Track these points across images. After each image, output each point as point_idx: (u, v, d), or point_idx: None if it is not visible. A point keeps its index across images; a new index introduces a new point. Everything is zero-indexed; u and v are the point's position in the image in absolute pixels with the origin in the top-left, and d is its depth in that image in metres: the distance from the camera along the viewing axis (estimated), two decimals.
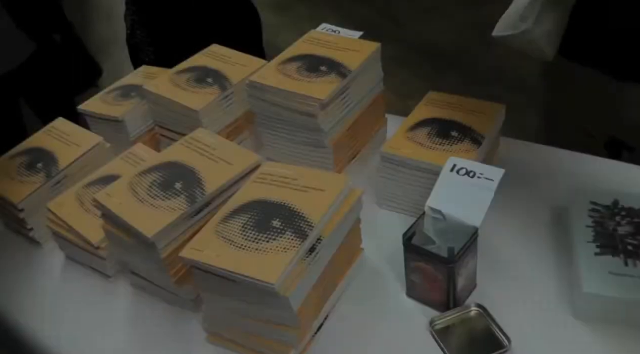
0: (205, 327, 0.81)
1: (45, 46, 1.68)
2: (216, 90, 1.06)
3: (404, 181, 0.94)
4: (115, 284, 0.95)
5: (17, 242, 1.10)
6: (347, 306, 0.83)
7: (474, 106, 1.02)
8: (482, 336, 0.76)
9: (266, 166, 0.85)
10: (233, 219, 0.76)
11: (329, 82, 0.93)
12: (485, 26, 1.21)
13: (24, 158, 1.12)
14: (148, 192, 0.82)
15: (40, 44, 1.67)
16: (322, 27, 1.12)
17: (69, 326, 0.89)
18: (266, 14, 4.59)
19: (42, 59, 1.68)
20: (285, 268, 0.67)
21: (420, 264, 0.79)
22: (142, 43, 1.63)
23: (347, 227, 0.80)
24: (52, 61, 1.73)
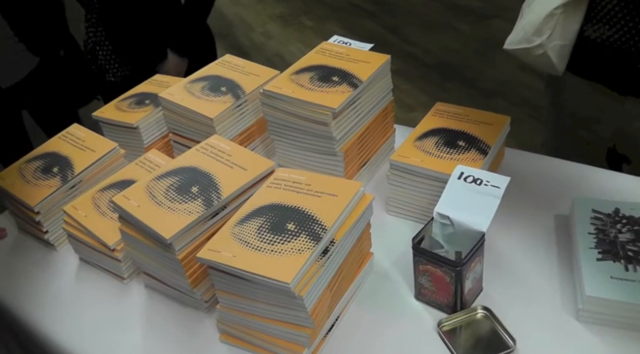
0: (219, 326, 0.83)
1: (49, 60, 1.72)
2: (230, 99, 1.09)
3: (411, 188, 0.97)
4: (129, 286, 0.97)
5: (31, 245, 1.12)
6: (357, 308, 0.86)
7: (480, 117, 1.05)
8: (488, 338, 0.79)
9: (280, 172, 0.88)
10: (249, 222, 0.78)
11: (341, 92, 0.96)
12: (489, 40, 1.24)
13: (40, 162, 1.15)
14: (165, 196, 0.85)
15: (44, 58, 1.70)
16: (334, 39, 1.15)
17: (84, 326, 0.91)
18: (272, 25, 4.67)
19: (45, 72, 1.72)
20: (300, 269, 0.70)
21: (428, 268, 0.81)
22: (105, 63, 1.67)
23: (358, 231, 0.83)
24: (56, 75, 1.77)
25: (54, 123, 1.88)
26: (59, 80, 1.80)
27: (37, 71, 1.71)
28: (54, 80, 1.78)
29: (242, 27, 4.22)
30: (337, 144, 0.97)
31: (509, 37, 1.15)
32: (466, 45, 3.40)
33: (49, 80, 1.76)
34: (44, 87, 1.76)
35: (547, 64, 1.11)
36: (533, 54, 1.10)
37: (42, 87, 1.75)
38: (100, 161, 1.13)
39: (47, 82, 1.76)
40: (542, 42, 1.07)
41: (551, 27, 1.06)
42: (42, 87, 1.76)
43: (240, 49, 3.81)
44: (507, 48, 1.15)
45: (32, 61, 1.70)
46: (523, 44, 1.11)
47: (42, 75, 1.73)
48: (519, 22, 1.15)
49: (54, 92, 1.81)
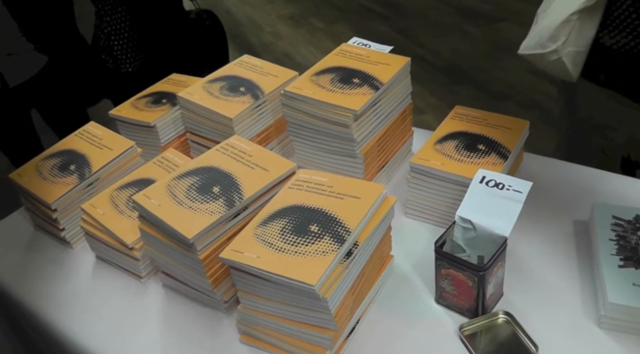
0: (239, 327, 0.83)
1: (57, 59, 1.72)
2: (249, 99, 1.09)
3: (431, 191, 0.97)
4: (146, 285, 0.97)
5: (47, 243, 1.12)
6: (377, 311, 0.85)
7: (499, 121, 1.05)
8: (510, 343, 0.78)
9: (301, 173, 0.87)
10: (271, 223, 0.78)
11: (362, 94, 0.96)
12: (499, 44, 1.24)
13: (57, 160, 1.15)
14: (186, 195, 0.85)
15: (53, 57, 1.71)
16: (353, 41, 1.15)
17: (102, 324, 0.91)
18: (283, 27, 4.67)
19: (54, 71, 1.72)
20: (325, 271, 0.69)
21: (450, 271, 0.81)
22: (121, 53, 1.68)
23: (380, 234, 0.83)
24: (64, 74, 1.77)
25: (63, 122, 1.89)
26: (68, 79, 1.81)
27: (45, 70, 1.71)
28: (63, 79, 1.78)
29: (252, 28, 4.23)
30: (358, 146, 0.97)
31: (523, 42, 1.15)
32: (476, 49, 3.40)
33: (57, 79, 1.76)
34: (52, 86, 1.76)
35: (562, 70, 1.10)
36: (547, 59, 1.10)
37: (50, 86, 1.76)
38: (117, 160, 1.13)
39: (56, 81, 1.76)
40: (557, 48, 1.07)
41: (566, 33, 1.06)
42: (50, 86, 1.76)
43: (250, 50, 3.82)
44: (522, 53, 1.15)
45: (40, 60, 1.70)
46: (538, 50, 1.11)
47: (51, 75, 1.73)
48: (533, 27, 1.15)
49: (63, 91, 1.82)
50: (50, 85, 1.76)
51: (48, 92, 1.77)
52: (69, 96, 1.85)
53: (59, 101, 1.83)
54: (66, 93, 1.83)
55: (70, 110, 1.89)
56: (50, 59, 1.71)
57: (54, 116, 1.89)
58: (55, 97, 1.81)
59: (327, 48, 3.76)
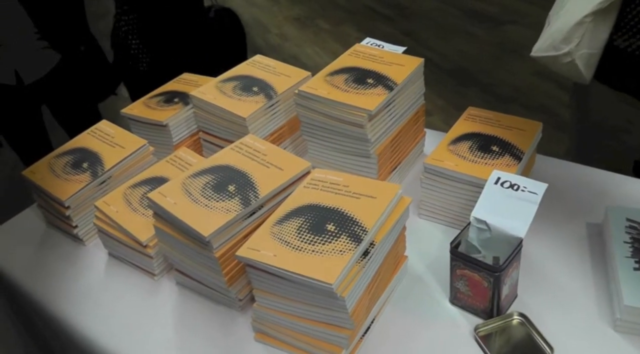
0: (255, 325, 0.83)
1: (70, 57, 1.74)
2: (262, 99, 1.09)
3: (445, 192, 0.97)
4: (159, 283, 0.97)
5: (59, 240, 1.13)
6: (392, 311, 0.85)
7: (512, 123, 1.05)
8: (525, 344, 0.78)
9: (316, 173, 0.88)
10: (288, 222, 0.78)
11: (377, 94, 0.96)
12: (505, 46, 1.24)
13: (70, 157, 1.15)
14: (202, 194, 0.85)
15: (66, 55, 1.72)
16: (366, 41, 1.15)
17: (115, 321, 0.91)
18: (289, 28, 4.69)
19: (66, 69, 1.74)
20: (343, 270, 0.69)
21: (466, 272, 0.81)
22: (138, 52, 1.69)
23: (395, 234, 0.83)
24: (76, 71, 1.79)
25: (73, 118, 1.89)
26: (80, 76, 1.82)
27: (58, 67, 1.73)
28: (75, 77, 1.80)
29: (258, 29, 4.23)
30: (372, 147, 0.97)
31: (536, 44, 1.15)
32: (482, 51, 3.40)
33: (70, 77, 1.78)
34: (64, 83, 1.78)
35: (575, 72, 1.10)
36: (560, 62, 1.10)
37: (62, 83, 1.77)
38: (129, 158, 1.13)
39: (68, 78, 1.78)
40: (570, 50, 1.07)
41: (580, 36, 1.06)
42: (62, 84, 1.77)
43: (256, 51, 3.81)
44: (534, 55, 1.15)
45: (54, 58, 1.72)
46: (550, 52, 1.10)
47: (64, 72, 1.74)
48: (546, 29, 1.15)
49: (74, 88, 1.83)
50: (62, 83, 1.77)
51: (60, 90, 1.79)
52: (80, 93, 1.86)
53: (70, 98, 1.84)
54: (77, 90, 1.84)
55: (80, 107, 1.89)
56: (63, 56, 1.72)
57: (64, 112, 1.90)
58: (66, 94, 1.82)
59: (333, 49, 3.80)
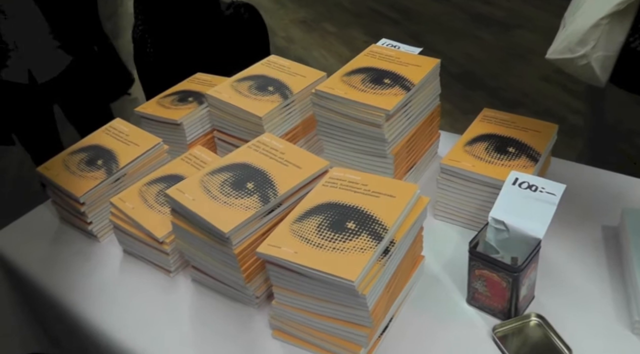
0: (273, 323, 0.83)
1: (83, 56, 1.75)
2: (278, 98, 1.09)
3: (461, 192, 0.97)
4: (175, 279, 0.97)
5: (73, 236, 1.13)
6: (409, 310, 0.85)
7: (528, 124, 1.05)
8: (543, 346, 0.78)
9: (335, 171, 0.88)
10: (307, 219, 0.78)
11: (394, 94, 0.96)
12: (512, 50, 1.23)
13: (84, 154, 1.15)
14: (220, 191, 0.85)
15: (79, 54, 1.73)
16: (382, 42, 1.16)
17: (131, 317, 0.91)
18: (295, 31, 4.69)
19: (79, 68, 1.75)
20: (364, 267, 0.69)
21: (484, 272, 0.81)
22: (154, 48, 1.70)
23: (414, 233, 0.83)
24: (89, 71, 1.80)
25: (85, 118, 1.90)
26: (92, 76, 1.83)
27: (71, 67, 1.74)
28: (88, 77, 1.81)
29: None
30: (388, 146, 0.97)
31: (551, 47, 1.15)
32: (489, 55, 3.40)
33: (82, 77, 1.79)
34: (77, 83, 1.79)
35: (590, 75, 1.10)
36: (576, 64, 1.09)
37: (76, 82, 1.78)
38: (144, 156, 1.14)
39: (81, 78, 1.79)
40: (586, 52, 1.07)
41: (596, 38, 1.05)
42: (76, 83, 1.79)
43: None
44: (550, 57, 1.15)
45: (67, 58, 1.73)
46: (566, 54, 1.10)
47: (77, 71, 1.76)
48: (561, 31, 1.15)
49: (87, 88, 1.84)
50: (75, 82, 1.78)
51: (72, 89, 1.80)
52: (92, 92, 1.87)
53: (82, 97, 1.85)
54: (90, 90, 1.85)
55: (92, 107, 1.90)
56: (76, 56, 1.73)
57: (76, 112, 1.90)
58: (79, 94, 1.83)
59: (339, 52, 3.81)
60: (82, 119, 1.92)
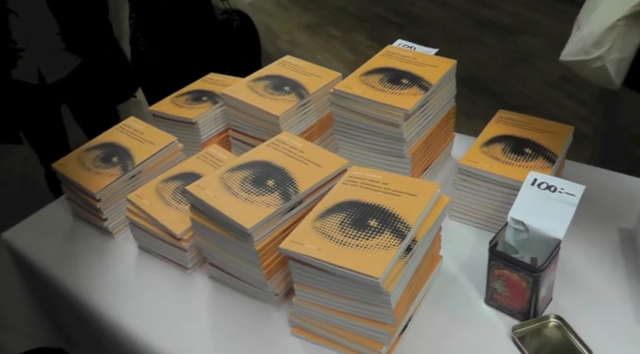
0: (292, 320, 0.83)
1: (92, 58, 1.76)
2: (294, 98, 1.10)
3: (478, 193, 0.97)
4: (192, 276, 0.97)
5: (88, 232, 1.13)
6: (427, 310, 0.85)
7: (544, 126, 1.05)
8: (564, 347, 0.78)
9: (354, 170, 0.88)
10: (330, 217, 0.79)
11: (412, 94, 0.97)
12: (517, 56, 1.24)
13: (100, 152, 1.15)
14: (241, 188, 0.85)
15: (89, 56, 1.75)
16: (398, 43, 1.16)
17: (148, 313, 0.91)
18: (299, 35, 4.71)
19: (88, 70, 1.76)
20: (389, 264, 0.70)
21: (504, 272, 0.81)
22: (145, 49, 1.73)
23: (434, 232, 0.83)
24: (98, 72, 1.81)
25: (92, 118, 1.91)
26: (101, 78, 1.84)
27: (81, 68, 1.75)
28: (96, 78, 1.82)
29: (269, 35, 4.25)
30: (406, 146, 0.97)
31: (565, 49, 1.15)
32: (493, 60, 3.42)
33: (91, 78, 1.80)
34: (86, 84, 1.80)
35: (604, 77, 1.10)
36: (590, 66, 1.09)
37: (84, 83, 1.79)
38: (159, 154, 1.14)
39: (90, 80, 1.80)
40: (601, 54, 1.07)
41: (612, 39, 1.05)
42: (84, 84, 1.79)
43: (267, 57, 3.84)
44: (564, 59, 1.15)
45: (76, 59, 1.74)
46: (581, 56, 1.10)
47: (86, 73, 1.76)
48: (575, 33, 1.15)
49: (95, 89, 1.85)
50: (84, 84, 1.79)
51: (81, 90, 1.80)
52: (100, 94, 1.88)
53: (90, 98, 1.86)
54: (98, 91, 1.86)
55: (100, 108, 1.91)
56: (85, 57, 1.74)
57: (84, 113, 1.91)
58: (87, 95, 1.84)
59: (343, 56, 3.82)
60: (89, 120, 1.92)
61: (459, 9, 4.20)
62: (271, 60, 1.26)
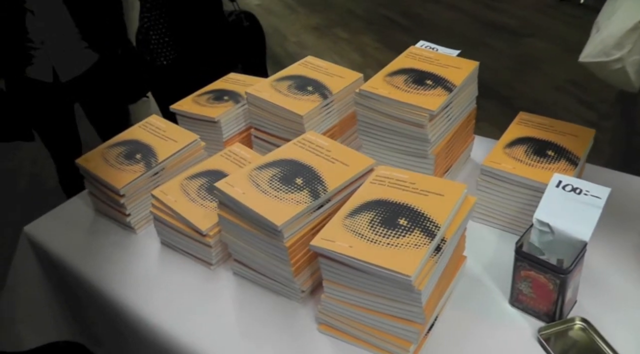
0: (320, 317, 0.83)
1: (107, 58, 1.78)
2: (317, 98, 1.11)
3: (501, 195, 0.98)
4: (216, 272, 0.98)
5: (109, 227, 1.14)
6: (452, 310, 0.86)
7: (565, 128, 1.06)
8: (590, 350, 0.79)
9: (381, 170, 0.89)
10: (359, 215, 0.79)
11: (437, 95, 0.98)
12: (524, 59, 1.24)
13: (123, 148, 1.16)
14: (270, 185, 0.86)
15: (104, 55, 1.76)
16: (421, 44, 1.17)
17: (174, 307, 0.92)
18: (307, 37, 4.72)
19: (103, 69, 1.78)
20: (420, 263, 0.70)
21: (531, 274, 0.81)
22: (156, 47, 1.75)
23: (461, 232, 0.84)
24: (111, 72, 1.83)
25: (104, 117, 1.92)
26: (114, 77, 1.86)
27: (95, 67, 1.76)
28: (110, 78, 1.83)
29: (277, 37, 4.26)
30: (430, 147, 0.98)
31: (584, 50, 1.15)
32: (501, 64, 3.43)
33: (105, 77, 1.81)
34: (99, 83, 1.81)
35: (623, 79, 1.11)
36: (610, 68, 1.10)
37: (98, 83, 1.81)
38: (182, 151, 1.15)
39: (103, 79, 1.81)
40: (621, 56, 1.07)
41: (633, 41, 1.06)
42: (98, 83, 1.81)
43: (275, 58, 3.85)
44: (583, 61, 1.15)
45: (91, 58, 1.75)
46: (601, 58, 1.11)
47: (99, 72, 1.78)
48: (594, 35, 1.15)
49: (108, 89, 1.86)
50: (97, 83, 1.80)
51: (94, 89, 1.82)
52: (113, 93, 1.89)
53: (103, 98, 1.87)
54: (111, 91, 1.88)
55: (112, 107, 1.93)
56: (100, 57, 1.75)
57: (96, 111, 1.93)
58: (100, 94, 1.85)
59: (351, 58, 3.83)
60: (101, 118, 1.94)
61: (466, 11, 4.21)
62: (279, 61, 1.28)
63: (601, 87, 2.65)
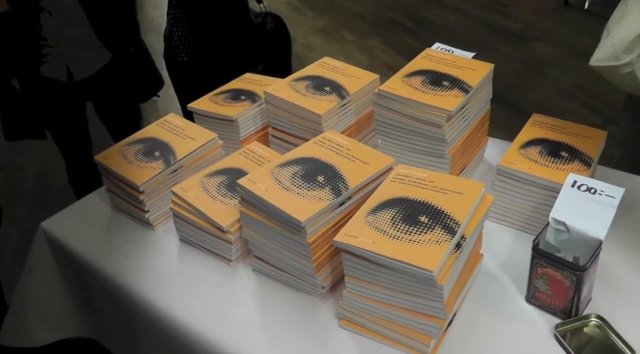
0: (342, 312, 0.85)
1: (120, 57, 1.80)
2: (335, 98, 1.12)
3: (517, 195, 1.00)
4: (236, 269, 1.00)
5: (128, 224, 1.16)
6: (470, 307, 0.88)
7: (578, 130, 1.08)
8: (606, 347, 0.80)
9: (401, 169, 0.91)
10: (381, 213, 0.81)
11: (454, 96, 1.00)
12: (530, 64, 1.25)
13: (142, 146, 1.18)
14: (292, 183, 0.88)
15: (117, 55, 1.78)
16: (436, 47, 1.19)
17: (195, 302, 0.94)
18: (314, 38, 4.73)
19: (115, 69, 1.80)
20: (442, 259, 0.72)
21: (548, 271, 0.83)
22: (179, 44, 1.77)
23: (479, 231, 0.85)
24: (124, 71, 1.85)
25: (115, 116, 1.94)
26: (127, 77, 1.88)
27: (108, 67, 1.78)
28: (122, 77, 1.85)
29: None
30: (447, 147, 1.00)
31: (595, 54, 1.17)
32: (507, 68, 3.45)
33: (117, 77, 1.83)
34: (112, 82, 1.83)
35: (633, 83, 1.12)
36: (620, 72, 1.11)
37: (111, 82, 1.83)
38: (200, 149, 1.17)
39: (116, 78, 1.83)
40: (631, 60, 1.08)
41: None
42: (111, 82, 1.83)
43: None
44: (594, 65, 1.16)
45: (105, 58, 1.77)
46: (611, 62, 1.12)
47: (112, 72, 1.80)
48: (605, 39, 1.17)
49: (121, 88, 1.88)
50: (110, 82, 1.82)
51: (107, 88, 1.84)
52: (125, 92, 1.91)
53: (115, 97, 1.89)
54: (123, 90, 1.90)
55: (124, 106, 1.95)
56: (113, 57, 1.77)
57: (108, 110, 1.95)
58: (112, 93, 1.87)
59: (358, 61, 3.85)
60: (113, 117, 1.96)
61: (472, 15, 4.23)
62: None
63: (606, 91, 2.65)
